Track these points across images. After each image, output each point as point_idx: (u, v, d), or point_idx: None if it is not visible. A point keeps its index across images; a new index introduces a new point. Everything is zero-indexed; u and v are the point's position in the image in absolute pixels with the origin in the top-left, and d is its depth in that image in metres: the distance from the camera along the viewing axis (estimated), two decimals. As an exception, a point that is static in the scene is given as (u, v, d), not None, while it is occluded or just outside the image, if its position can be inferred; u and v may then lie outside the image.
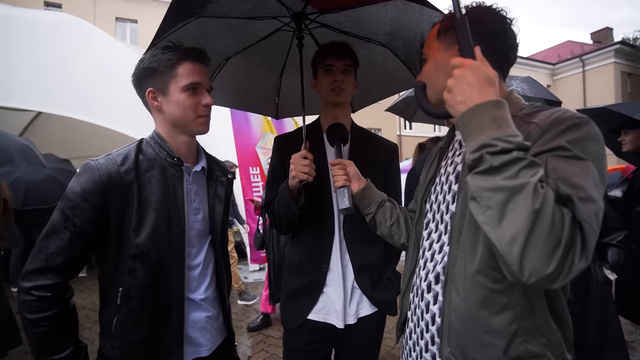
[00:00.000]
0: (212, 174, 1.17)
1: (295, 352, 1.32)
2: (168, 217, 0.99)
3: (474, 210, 0.61)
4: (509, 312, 0.68)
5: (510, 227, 0.54)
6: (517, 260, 0.54)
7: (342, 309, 1.26)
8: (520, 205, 0.54)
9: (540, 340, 0.68)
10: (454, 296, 0.74)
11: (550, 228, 0.53)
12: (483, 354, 0.70)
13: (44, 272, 0.89)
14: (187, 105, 1.02)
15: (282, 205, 1.24)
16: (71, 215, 0.91)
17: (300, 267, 1.32)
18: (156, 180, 1.00)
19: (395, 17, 1.33)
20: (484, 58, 0.65)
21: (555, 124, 0.64)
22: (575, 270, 0.54)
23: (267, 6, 1.28)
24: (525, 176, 0.55)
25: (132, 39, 14.07)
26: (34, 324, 0.88)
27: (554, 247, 0.53)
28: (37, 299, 0.87)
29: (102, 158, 0.96)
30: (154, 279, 0.97)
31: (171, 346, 1.00)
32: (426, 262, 0.85)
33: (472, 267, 0.71)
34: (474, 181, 0.60)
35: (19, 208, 4.22)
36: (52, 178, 4.32)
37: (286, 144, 1.38)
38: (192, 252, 1.07)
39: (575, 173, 0.58)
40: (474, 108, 0.61)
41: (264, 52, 1.54)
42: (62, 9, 12.46)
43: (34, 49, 4.52)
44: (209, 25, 1.30)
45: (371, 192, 1.11)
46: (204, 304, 1.09)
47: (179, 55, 1.01)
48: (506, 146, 0.56)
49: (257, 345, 3.22)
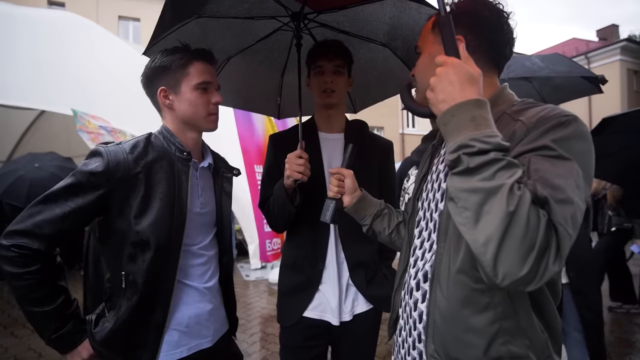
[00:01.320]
0: (218, 171, 1.21)
1: (291, 349, 1.32)
2: (171, 208, 1.02)
3: (451, 211, 0.60)
4: (490, 312, 0.67)
5: (485, 228, 0.54)
6: (491, 262, 0.54)
7: (337, 306, 1.27)
8: (495, 207, 0.53)
9: (522, 342, 0.67)
10: (439, 295, 0.74)
11: (525, 231, 0.52)
12: (464, 352, 0.70)
13: (28, 235, 0.90)
14: (198, 103, 1.06)
15: (278, 204, 1.25)
16: (74, 193, 0.94)
17: (296, 265, 1.33)
18: (163, 171, 1.03)
19: (393, 16, 1.33)
20: (468, 56, 0.65)
21: (541, 122, 0.63)
22: (549, 273, 0.54)
23: (265, 6, 1.29)
24: (501, 178, 0.54)
25: (135, 38, 14.11)
26: (16, 277, 0.90)
27: (528, 250, 0.52)
28: (19, 255, 0.89)
29: (112, 145, 1.00)
30: (154, 266, 0.99)
31: (146, 339, 1.01)
32: (417, 260, 0.85)
33: (455, 266, 0.71)
34: (451, 182, 0.60)
35: (22, 206, 4.26)
36: (55, 176, 4.36)
37: (281, 143, 1.38)
38: (197, 243, 1.10)
39: (557, 174, 0.57)
40: (454, 107, 0.60)
41: (264, 51, 1.54)
42: (65, 8, 12.52)
43: (35, 48, 4.55)
44: (208, 25, 1.31)
45: (365, 205, 1.10)
46: (208, 294, 1.12)
47: (190, 55, 1.06)
48: (483, 147, 0.56)
49: (257, 344, 3.23)
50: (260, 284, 5.17)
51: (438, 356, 0.74)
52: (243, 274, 5.63)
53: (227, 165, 1.26)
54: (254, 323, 3.70)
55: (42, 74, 4.38)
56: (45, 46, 4.77)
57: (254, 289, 4.91)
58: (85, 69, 4.68)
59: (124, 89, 4.00)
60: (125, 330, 0.99)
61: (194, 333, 1.07)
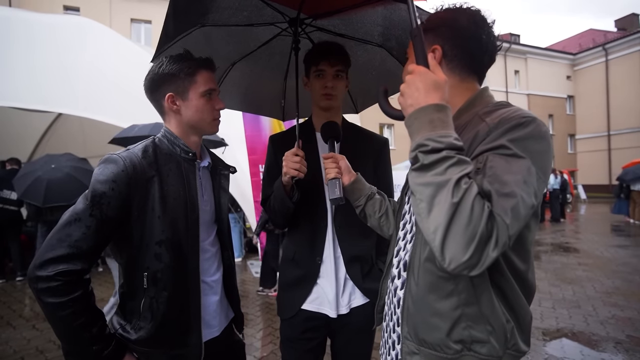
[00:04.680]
0: (215, 169, 1.27)
1: (290, 341, 1.37)
2: (185, 206, 1.08)
3: (412, 204, 0.66)
4: (454, 298, 0.73)
5: (434, 218, 0.60)
6: (439, 247, 0.60)
7: (334, 299, 1.31)
8: (442, 199, 0.59)
9: (484, 327, 0.72)
10: (412, 282, 0.80)
11: (468, 220, 0.57)
12: (429, 334, 0.76)
13: (68, 259, 0.90)
14: (205, 109, 1.13)
15: (277, 201, 1.30)
16: (98, 203, 0.95)
17: (296, 260, 1.38)
18: (173, 173, 1.09)
19: (385, 17, 1.36)
20: (437, 64, 0.71)
21: (501, 123, 0.69)
22: (489, 260, 0.59)
23: (263, 13, 1.33)
24: (452, 173, 0.60)
25: (147, 40, 14.38)
26: (62, 306, 0.88)
27: (470, 238, 0.58)
28: (65, 283, 0.89)
29: (124, 152, 1.03)
30: (177, 262, 1.06)
31: (192, 323, 1.10)
32: (399, 251, 0.91)
33: (424, 254, 0.77)
34: (410, 177, 0.66)
35: (40, 205, 4.45)
36: (70, 177, 4.53)
37: (280, 143, 1.44)
38: (205, 239, 1.17)
39: (508, 170, 0.63)
40: (416, 111, 0.67)
41: (266, 57, 1.59)
42: (80, 12, 12.83)
43: (54, 53, 4.71)
44: (211, 33, 1.37)
45: (360, 185, 1.18)
46: (215, 286, 1.20)
47: (196, 64, 1.12)
48: (436, 145, 0.62)
49: (265, 338, 3.31)
50: (269, 280, 5.25)
51: (410, 338, 0.80)
52: (253, 270, 5.73)
53: (224, 163, 1.32)
54: (263, 318, 3.78)
55: (59, 78, 4.54)
56: (63, 51, 4.92)
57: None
58: (98, 72, 4.82)
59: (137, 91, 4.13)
60: (166, 323, 1.05)
61: (205, 323, 1.14)
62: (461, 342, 0.73)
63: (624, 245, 7.31)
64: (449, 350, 0.74)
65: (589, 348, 3.00)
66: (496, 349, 0.72)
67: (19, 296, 4.61)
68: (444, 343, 0.74)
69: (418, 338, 0.78)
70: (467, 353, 0.73)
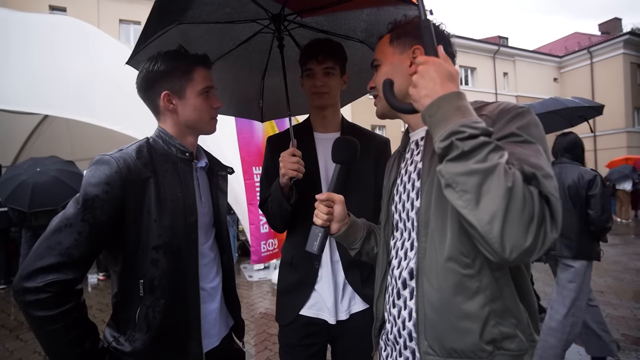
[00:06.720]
0: (212, 170, 1.21)
1: (289, 347, 1.32)
2: (183, 209, 1.02)
3: (450, 197, 0.63)
4: (480, 295, 0.70)
5: (487, 207, 0.57)
6: (498, 238, 0.57)
7: (333, 305, 1.27)
8: (494, 186, 0.57)
9: (511, 321, 0.71)
10: (427, 288, 0.75)
11: (523, 204, 0.56)
12: (460, 341, 0.71)
13: (58, 269, 0.83)
14: (203, 108, 1.08)
15: (275, 203, 1.26)
16: (90, 208, 0.87)
17: (293, 264, 1.34)
18: (170, 174, 1.03)
19: (371, 13, 1.34)
20: (446, 56, 0.70)
21: (502, 113, 0.71)
22: (548, 241, 0.58)
23: (246, 9, 1.29)
24: (494, 158, 0.58)
25: (136, 41, 14.17)
26: (52, 319, 0.81)
27: (528, 222, 0.56)
28: (55, 295, 0.81)
29: (116, 152, 0.96)
30: (174, 268, 0.99)
31: (191, 333, 1.03)
32: (400, 261, 0.87)
33: (443, 255, 0.73)
34: (447, 168, 0.62)
35: (25, 210, 4.30)
36: (57, 180, 4.39)
37: (277, 144, 1.39)
38: (203, 243, 1.10)
39: (529, 155, 0.63)
40: (438, 100, 0.64)
41: (245, 55, 1.54)
42: (66, 12, 12.59)
43: (37, 53, 4.58)
44: (188, 31, 1.29)
45: (355, 230, 1.04)
46: (214, 293, 1.13)
47: (193, 61, 1.06)
48: (473, 132, 0.60)
49: (261, 344, 3.24)
50: (263, 284, 5.18)
51: (433, 351, 0.74)
52: (246, 274, 5.65)
53: (221, 164, 1.26)
54: (258, 324, 3.71)
55: (44, 78, 4.41)
56: (47, 51, 4.80)
57: (257, 290, 4.92)
58: (86, 73, 4.71)
59: (125, 93, 4.04)
60: (163, 333, 0.98)
61: (204, 333, 1.07)
62: (492, 341, 0.70)
63: (612, 244, 7.43)
64: (482, 353, 0.70)
65: (584, 347, 3.01)
66: (523, 342, 0.71)
67: (2, 305, 4.45)
68: (477, 347, 0.70)
69: (445, 349, 0.73)
70: (497, 353, 0.70)
